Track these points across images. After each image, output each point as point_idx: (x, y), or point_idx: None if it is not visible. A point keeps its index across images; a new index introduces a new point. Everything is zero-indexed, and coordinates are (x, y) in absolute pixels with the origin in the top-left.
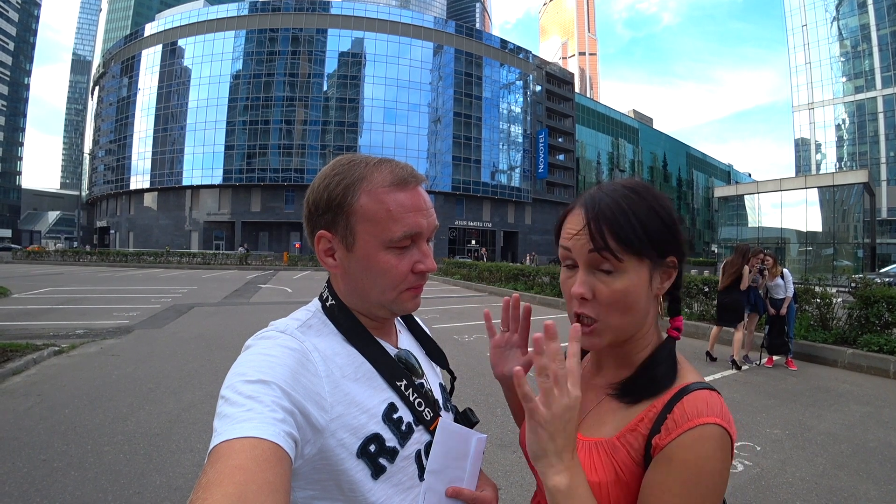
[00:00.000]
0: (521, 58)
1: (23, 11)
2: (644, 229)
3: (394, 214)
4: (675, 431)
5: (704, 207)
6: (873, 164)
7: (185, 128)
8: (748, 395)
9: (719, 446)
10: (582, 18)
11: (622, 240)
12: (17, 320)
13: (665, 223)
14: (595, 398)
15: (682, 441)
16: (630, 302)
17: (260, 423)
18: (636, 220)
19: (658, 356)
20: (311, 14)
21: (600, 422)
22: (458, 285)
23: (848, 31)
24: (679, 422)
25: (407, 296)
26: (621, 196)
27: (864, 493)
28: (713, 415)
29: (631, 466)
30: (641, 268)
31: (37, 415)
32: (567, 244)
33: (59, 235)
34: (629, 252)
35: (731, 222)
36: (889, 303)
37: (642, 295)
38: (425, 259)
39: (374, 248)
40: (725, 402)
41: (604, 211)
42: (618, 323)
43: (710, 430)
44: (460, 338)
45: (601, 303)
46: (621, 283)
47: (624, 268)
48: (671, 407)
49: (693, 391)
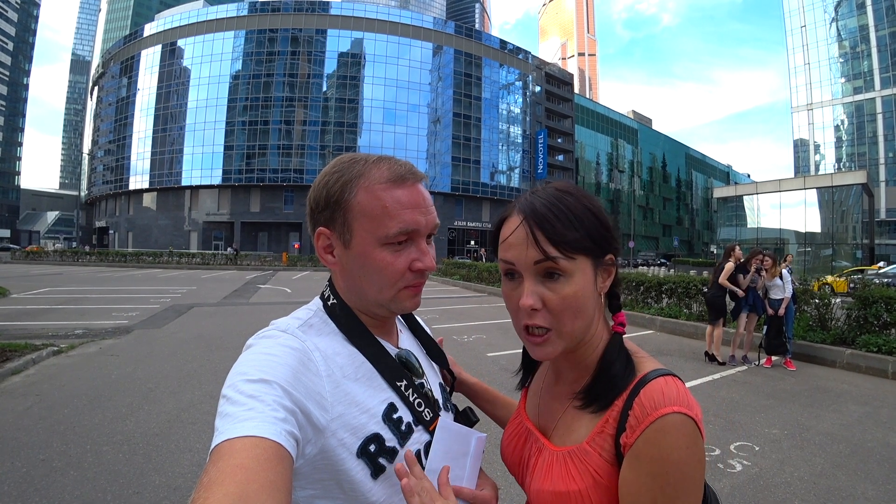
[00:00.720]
0: (521, 58)
1: (22, 11)
2: (584, 228)
3: (389, 210)
4: (639, 428)
5: (703, 208)
6: (872, 164)
7: (184, 128)
8: (747, 395)
9: (683, 434)
10: (581, 19)
11: (567, 239)
12: (16, 320)
13: (601, 221)
14: (560, 406)
15: (646, 437)
16: (580, 305)
17: (261, 423)
18: (576, 220)
19: (609, 356)
20: (311, 14)
21: (569, 430)
22: (458, 286)
23: (847, 32)
24: (640, 417)
25: (405, 294)
26: (556, 198)
27: (862, 492)
28: (671, 403)
29: (606, 468)
30: (586, 268)
31: (36, 415)
32: (508, 256)
33: (57, 235)
34: (574, 252)
35: (730, 223)
36: (887, 303)
37: (590, 296)
38: (423, 257)
39: (370, 244)
40: (724, 402)
41: (544, 215)
42: (570, 328)
43: (671, 419)
44: (460, 338)
45: (552, 311)
46: (570, 288)
47: (571, 270)
48: (631, 402)
49: (649, 381)
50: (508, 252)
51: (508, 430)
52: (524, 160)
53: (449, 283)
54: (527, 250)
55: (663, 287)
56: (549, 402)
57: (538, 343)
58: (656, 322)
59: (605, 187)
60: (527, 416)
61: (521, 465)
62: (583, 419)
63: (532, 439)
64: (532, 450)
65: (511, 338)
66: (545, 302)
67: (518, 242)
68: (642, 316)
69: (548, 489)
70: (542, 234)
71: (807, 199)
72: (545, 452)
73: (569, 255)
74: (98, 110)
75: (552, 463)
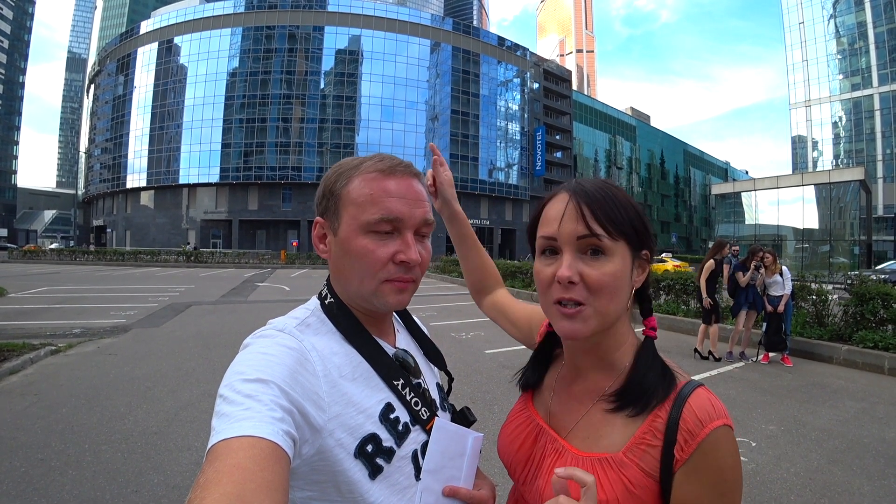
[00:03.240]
0: (519, 55)
1: (17, 9)
2: (628, 216)
3: (374, 197)
4: (694, 442)
5: (702, 205)
6: (869, 161)
7: (181, 126)
8: (744, 391)
9: (732, 443)
10: (580, 15)
11: (613, 220)
12: (14, 319)
13: (641, 217)
14: (581, 407)
15: (702, 449)
16: (617, 286)
17: (258, 422)
18: (621, 207)
19: (643, 361)
20: (308, 11)
21: (596, 435)
22: (456, 283)
23: (845, 28)
24: (694, 431)
25: (388, 288)
26: (604, 185)
27: (858, 488)
28: (721, 416)
29: (642, 481)
30: (625, 254)
31: (34, 414)
32: (550, 231)
33: (55, 234)
34: (618, 234)
35: (729, 219)
36: (884, 299)
37: (625, 282)
38: (406, 249)
39: (353, 230)
40: (722, 398)
41: (594, 195)
42: (605, 307)
43: (723, 432)
44: (458, 335)
45: (589, 286)
46: (610, 266)
47: (613, 251)
48: (679, 413)
49: (692, 393)
50: (551, 226)
51: (511, 424)
52: (522, 157)
53: (447, 280)
54: (574, 224)
55: (661, 284)
56: (567, 401)
57: (571, 315)
58: None
59: None
60: (536, 413)
61: (529, 464)
62: (614, 424)
63: (546, 438)
64: (547, 450)
65: None
66: (583, 277)
67: (564, 217)
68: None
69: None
70: (590, 211)
71: (804, 195)
72: (566, 455)
73: (612, 235)
74: (95, 108)
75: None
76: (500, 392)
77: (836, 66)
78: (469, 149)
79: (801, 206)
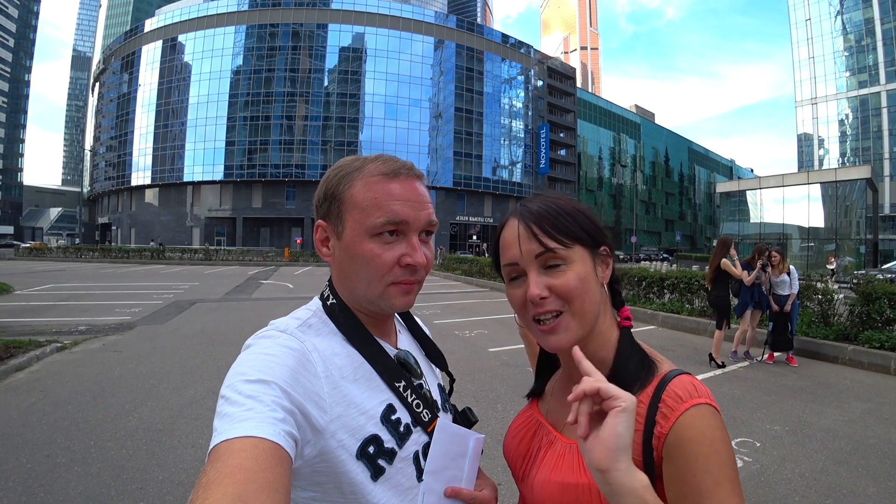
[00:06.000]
0: (523, 52)
1: (22, 8)
2: (576, 222)
3: (379, 201)
4: (673, 416)
5: (706, 203)
6: (876, 159)
7: (185, 124)
8: (748, 391)
9: (716, 419)
10: (584, 13)
11: (562, 230)
12: (20, 317)
13: (590, 218)
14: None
15: (683, 421)
16: (585, 287)
17: (260, 423)
18: (567, 216)
19: (623, 351)
20: (312, 9)
21: None
22: (460, 280)
23: (852, 25)
24: (673, 406)
25: (394, 291)
26: (547, 199)
27: (863, 489)
28: (703, 396)
29: None
30: (584, 257)
31: (40, 411)
32: (510, 258)
33: (60, 232)
34: (570, 241)
35: (733, 218)
36: (890, 299)
37: (593, 281)
38: (413, 252)
39: (358, 235)
40: (726, 398)
41: (539, 213)
42: (580, 308)
43: (704, 408)
44: (461, 333)
45: (560, 295)
46: (573, 272)
47: (570, 258)
48: (659, 396)
49: (674, 377)
50: (510, 252)
51: (516, 423)
52: (526, 155)
53: (451, 277)
54: (528, 245)
55: (665, 282)
56: (563, 398)
57: (551, 330)
58: (658, 318)
59: (608, 182)
60: (539, 412)
61: (526, 457)
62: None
63: (543, 432)
64: (543, 442)
65: (513, 333)
66: (551, 289)
67: (518, 241)
68: (644, 311)
69: (555, 480)
70: (539, 229)
71: (810, 193)
72: (557, 444)
73: (566, 244)
74: (99, 106)
75: (563, 454)
76: (503, 390)
77: (843, 63)
78: (473, 146)
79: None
